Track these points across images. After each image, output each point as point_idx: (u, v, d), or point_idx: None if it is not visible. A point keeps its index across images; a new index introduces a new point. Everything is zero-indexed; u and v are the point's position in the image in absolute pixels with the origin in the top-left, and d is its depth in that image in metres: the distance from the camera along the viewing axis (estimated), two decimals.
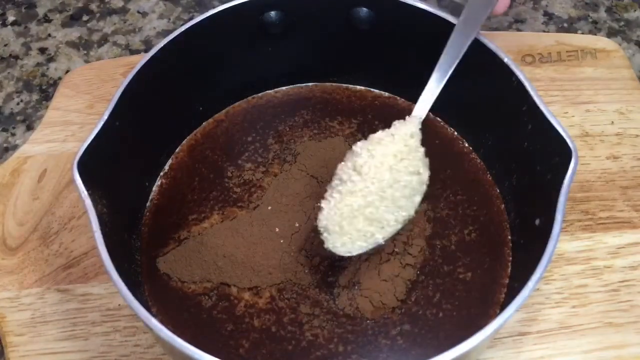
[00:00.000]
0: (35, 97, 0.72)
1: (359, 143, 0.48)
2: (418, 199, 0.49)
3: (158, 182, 0.58)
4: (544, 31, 0.75)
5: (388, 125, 0.60)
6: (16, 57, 0.75)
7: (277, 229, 0.53)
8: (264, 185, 0.57)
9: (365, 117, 0.61)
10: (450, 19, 0.53)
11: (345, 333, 0.49)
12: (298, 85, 0.64)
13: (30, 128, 0.69)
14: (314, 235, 0.53)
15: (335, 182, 0.48)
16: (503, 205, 0.55)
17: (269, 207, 0.55)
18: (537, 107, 0.48)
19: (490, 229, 0.54)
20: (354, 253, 0.47)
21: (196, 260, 0.52)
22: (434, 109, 0.61)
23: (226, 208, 0.56)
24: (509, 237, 0.54)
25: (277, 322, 0.50)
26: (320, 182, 0.56)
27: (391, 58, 0.59)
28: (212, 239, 0.53)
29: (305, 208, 0.54)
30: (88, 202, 0.44)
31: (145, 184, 0.57)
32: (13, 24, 0.78)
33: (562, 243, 0.55)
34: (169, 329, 0.41)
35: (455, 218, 0.55)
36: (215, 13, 0.55)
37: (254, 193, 0.56)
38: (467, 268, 0.52)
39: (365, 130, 0.60)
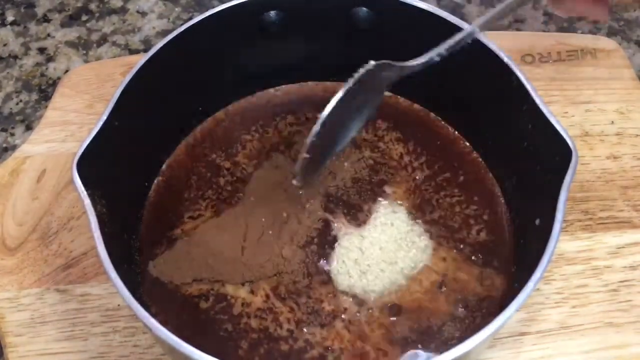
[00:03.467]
0: (34, 97, 0.72)
1: None
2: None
3: (156, 181, 0.58)
4: (544, 31, 0.75)
5: (390, 123, 0.60)
6: (15, 57, 0.75)
7: (263, 219, 0.53)
8: (248, 178, 0.57)
9: None
10: (450, 18, 0.53)
11: (343, 325, 0.49)
12: (298, 84, 0.64)
13: (29, 128, 0.69)
14: (303, 222, 0.53)
15: None
16: (504, 205, 0.55)
17: (252, 198, 0.54)
18: (537, 107, 0.48)
19: (493, 228, 0.54)
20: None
21: (186, 262, 0.52)
22: (435, 108, 0.61)
23: (218, 206, 0.56)
24: (510, 237, 0.54)
25: (275, 320, 0.50)
26: None
27: (391, 57, 0.59)
28: (200, 238, 0.53)
29: (292, 196, 0.54)
30: (87, 202, 0.44)
31: (145, 184, 0.57)
32: (12, 23, 0.78)
33: (562, 243, 0.55)
34: (168, 329, 0.41)
35: (460, 217, 0.55)
36: (215, 13, 0.55)
37: (238, 187, 0.56)
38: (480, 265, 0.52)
39: (368, 126, 0.60)
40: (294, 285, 0.51)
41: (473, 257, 0.53)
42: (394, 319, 0.50)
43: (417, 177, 0.57)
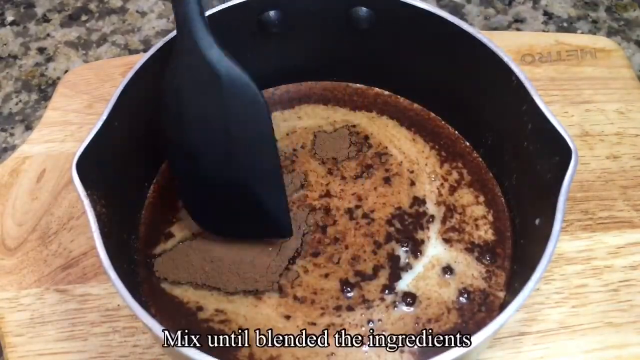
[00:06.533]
0: (34, 97, 0.72)
1: None
2: None
3: (155, 181, 0.58)
4: (544, 31, 0.75)
5: (393, 121, 0.60)
6: (15, 57, 0.75)
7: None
8: None
9: (369, 112, 0.62)
10: (450, 18, 0.53)
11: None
12: (298, 83, 0.64)
13: (29, 128, 0.69)
14: (303, 245, 0.53)
15: None
16: (504, 205, 0.55)
17: None
18: (537, 107, 0.48)
19: (493, 228, 0.54)
20: None
21: (183, 264, 0.52)
22: (435, 108, 0.61)
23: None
24: (510, 237, 0.54)
25: (272, 333, 0.49)
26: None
27: (391, 57, 0.59)
28: (201, 245, 0.53)
29: (297, 216, 0.54)
30: (87, 203, 0.44)
31: (145, 184, 0.57)
32: (12, 23, 0.78)
33: (561, 243, 0.55)
34: (167, 329, 0.41)
35: (463, 217, 0.55)
36: (215, 12, 0.55)
37: None
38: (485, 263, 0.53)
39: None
40: (289, 302, 0.50)
41: (474, 256, 0.53)
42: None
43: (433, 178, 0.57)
